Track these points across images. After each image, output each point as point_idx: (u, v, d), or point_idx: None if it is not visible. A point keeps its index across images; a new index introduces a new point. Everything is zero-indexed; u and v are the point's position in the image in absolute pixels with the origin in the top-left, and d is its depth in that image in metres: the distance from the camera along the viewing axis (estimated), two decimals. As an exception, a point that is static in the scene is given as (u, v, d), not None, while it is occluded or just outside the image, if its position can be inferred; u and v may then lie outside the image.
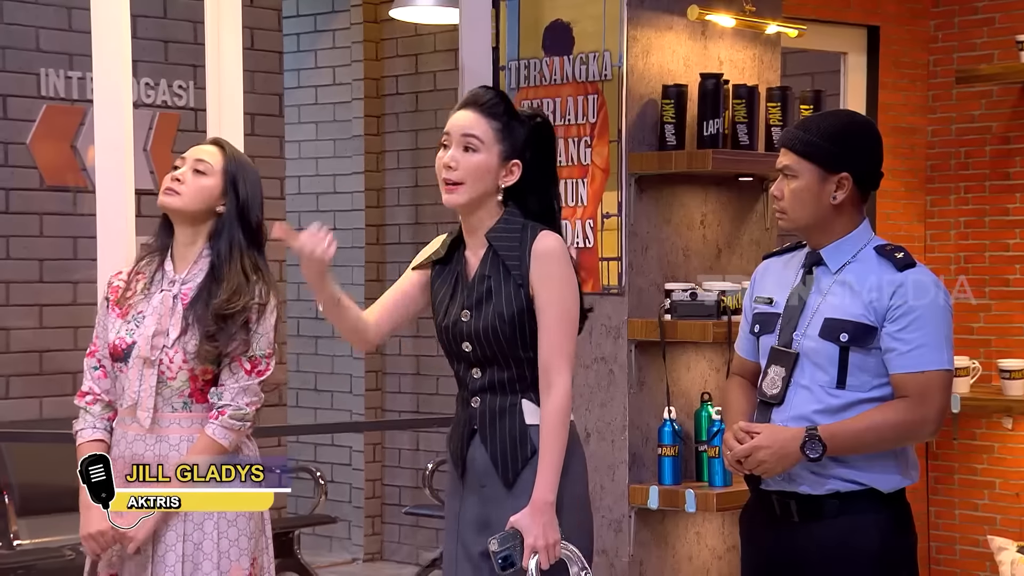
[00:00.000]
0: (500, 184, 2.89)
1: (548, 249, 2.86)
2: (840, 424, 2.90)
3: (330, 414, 7.39)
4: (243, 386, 3.06)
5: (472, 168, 2.87)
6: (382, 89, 7.24)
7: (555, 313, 2.85)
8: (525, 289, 2.86)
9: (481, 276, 2.90)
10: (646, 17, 3.98)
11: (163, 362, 3.04)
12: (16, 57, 5.69)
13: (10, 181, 5.70)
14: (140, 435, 3.06)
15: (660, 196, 4.03)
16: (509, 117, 2.91)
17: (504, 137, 2.89)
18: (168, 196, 3.09)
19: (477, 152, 2.87)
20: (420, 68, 7.11)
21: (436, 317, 2.97)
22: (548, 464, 2.82)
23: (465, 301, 2.91)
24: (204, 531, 3.05)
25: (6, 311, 5.70)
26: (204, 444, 3.04)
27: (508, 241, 2.88)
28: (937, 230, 5.30)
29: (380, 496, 7.28)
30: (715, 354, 4.08)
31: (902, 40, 5.21)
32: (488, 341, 2.87)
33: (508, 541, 2.79)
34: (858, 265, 2.96)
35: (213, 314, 3.02)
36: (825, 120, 3.02)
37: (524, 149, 2.91)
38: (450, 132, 2.90)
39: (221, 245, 3.09)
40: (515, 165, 2.90)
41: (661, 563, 4.03)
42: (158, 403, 3.04)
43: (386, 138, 7.25)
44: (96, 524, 3.02)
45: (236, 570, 3.06)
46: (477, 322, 2.88)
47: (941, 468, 5.23)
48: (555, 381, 2.83)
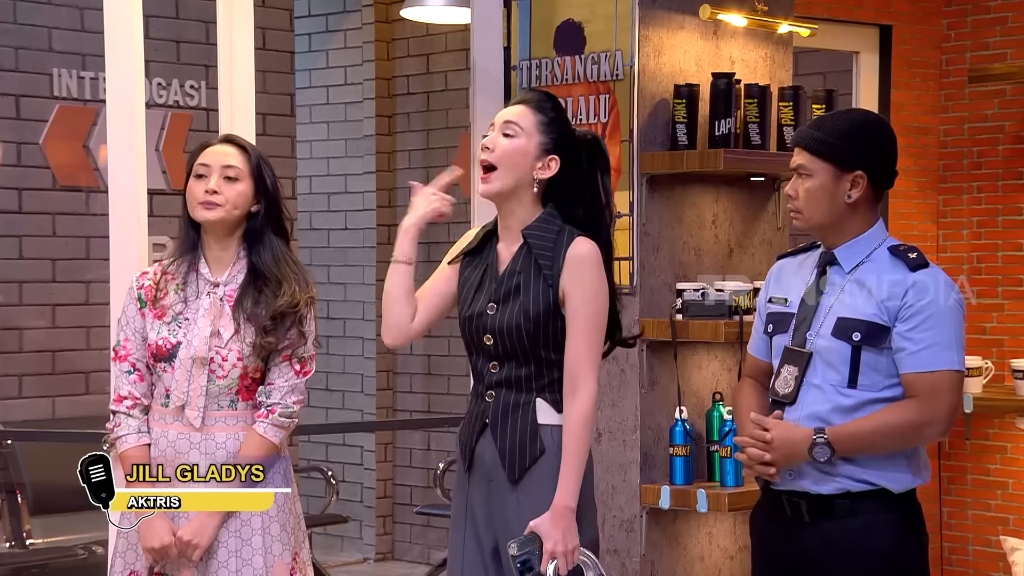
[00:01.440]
0: (536, 175, 2.90)
1: (583, 255, 2.86)
2: (848, 425, 2.89)
3: (341, 414, 7.40)
4: (292, 385, 3.11)
5: (508, 152, 2.89)
6: (393, 89, 7.25)
7: (584, 319, 2.85)
8: (554, 290, 2.86)
9: (512, 271, 2.91)
10: (658, 17, 3.98)
11: (214, 360, 3.05)
12: (29, 57, 5.70)
13: (23, 181, 5.72)
14: (184, 433, 3.06)
15: (672, 196, 4.02)
16: (557, 114, 2.93)
17: (546, 130, 2.91)
18: (209, 210, 3.07)
19: (515, 138, 2.90)
20: (431, 68, 7.12)
21: (460, 307, 2.98)
22: (571, 470, 2.83)
23: (493, 294, 2.92)
24: (252, 527, 3.07)
25: (19, 311, 5.71)
26: (255, 441, 3.06)
27: (544, 240, 2.89)
28: (949, 230, 5.28)
29: (391, 496, 7.29)
30: (727, 354, 4.07)
31: (914, 39, 5.20)
32: (511, 337, 2.88)
33: (527, 545, 2.79)
34: (871, 265, 2.96)
35: (273, 314, 3.05)
36: (839, 119, 3.02)
37: (569, 150, 2.92)
38: (495, 122, 2.94)
39: (258, 245, 3.10)
40: (553, 160, 2.91)
41: (673, 563, 4.03)
42: (206, 402, 3.06)
43: (397, 138, 7.26)
44: (159, 538, 3.02)
45: (280, 565, 3.09)
46: (502, 317, 2.89)
47: (954, 468, 5.22)
48: (580, 387, 2.84)
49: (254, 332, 3.06)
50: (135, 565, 3.08)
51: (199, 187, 3.08)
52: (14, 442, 5.24)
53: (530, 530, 2.80)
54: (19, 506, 5.20)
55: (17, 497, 5.20)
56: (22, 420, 5.58)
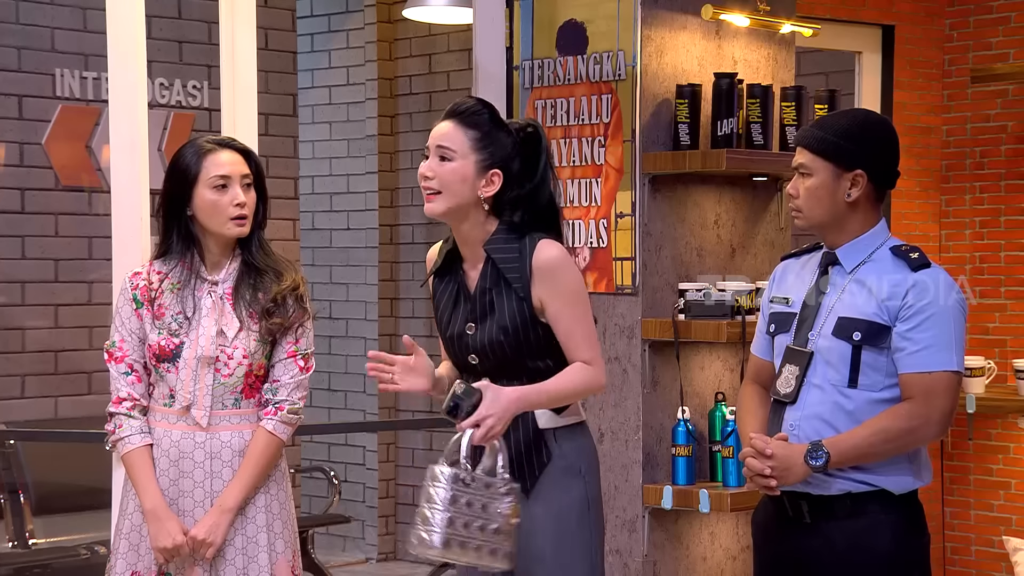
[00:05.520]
0: (480, 194, 2.87)
1: (549, 260, 2.84)
2: (845, 437, 2.89)
3: (344, 414, 7.40)
4: (297, 381, 3.12)
5: (446, 177, 2.87)
6: (396, 89, 7.25)
7: (572, 319, 2.85)
8: (528, 302, 2.85)
9: (483, 289, 2.89)
10: (660, 17, 3.98)
11: (219, 359, 3.05)
12: (32, 57, 5.71)
13: (26, 181, 5.72)
14: (188, 433, 3.06)
15: (674, 196, 4.02)
16: (492, 126, 2.88)
17: (483, 146, 2.86)
18: (242, 227, 3.07)
19: (452, 161, 2.87)
20: (434, 68, 7.12)
21: (440, 328, 2.98)
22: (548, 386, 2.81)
23: (468, 314, 2.91)
24: (257, 524, 3.08)
25: (21, 311, 5.71)
26: (264, 439, 3.07)
27: (507, 253, 2.86)
28: (952, 230, 5.28)
29: (394, 496, 7.29)
30: (729, 354, 4.07)
31: (917, 39, 5.20)
32: (494, 354, 2.88)
33: (468, 396, 2.75)
34: (873, 265, 2.96)
35: (274, 296, 3.07)
36: (841, 118, 3.02)
37: (509, 159, 2.88)
38: (429, 143, 2.91)
39: (250, 242, 3.11)
40: (495, 175, 2.87)
41: (675, 563, 4.02)
42: (212, 401, 3.06)
43: (399, 138, 7.26)
44: (171, 538, 3.02)
45: (283, 562, 3.10)
46: (482, 335, 2.89)
47: (956, 468, 5.21)
48: (596, 372, 2.85)
49: (258, 322, 3.07)
50: (137, 566, 3.08)
51: (224, 200, 3.05)
52: (16, 442, 5.24)
53: (483, 387, 2.76)
54: (22, 506, 5.19)
55: (20, 497, 5.20)
56: (24, 420, 5.59)
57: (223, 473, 3.06)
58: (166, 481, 3.05)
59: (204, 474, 3.06)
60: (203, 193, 3.05)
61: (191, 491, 3.05)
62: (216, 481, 3.05)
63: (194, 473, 3.05)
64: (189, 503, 3.05)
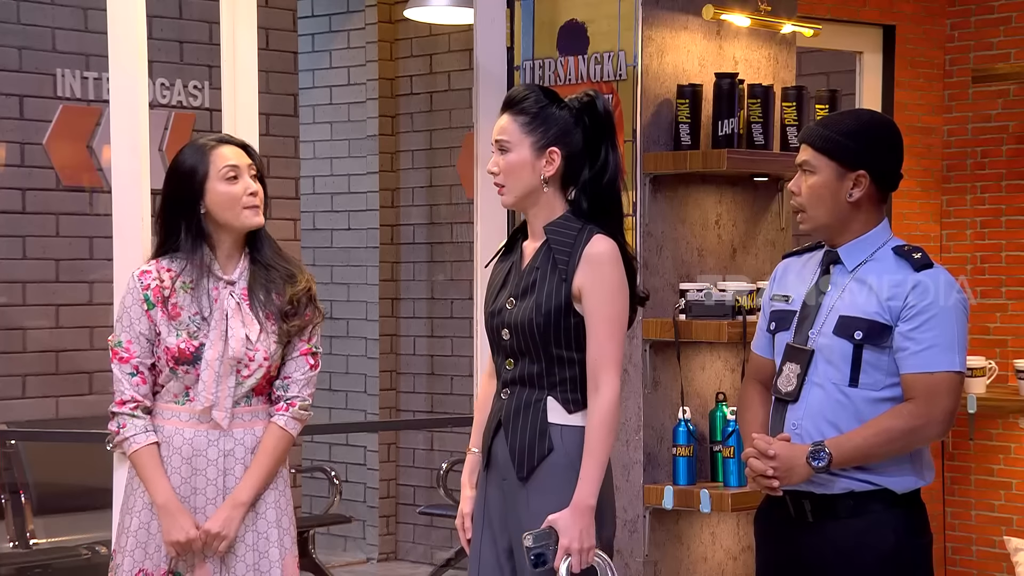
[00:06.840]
0: (543, 176, 2.91)
1: (599, 253, 2.87)
2: (847, 437, 2.89)
3: (345, 414, 7.41)
4: (308, 378, 3.14)
5: (506, 168, 2.93)
6: (397, 89, 7.25)
7: (604, 318, 2.86)
8: (568, 286, 2.88)
9: (532, 267, 2.94)
10: (661, 17, 3.97)
11: (241, 361, 3.05)
12: (32, 58, 5.71)
13: (26, 181, 5.72)
14: (202, 431, 3.06)
15: (675, 196, 4.02)
16: (542, 107, 2.92)
17: (534, 128, 2.91)
18: (258, 215, 3.08)
19: (510, 152, 2.93)
20: (435, 68, 7.12)
21: (485, 305, 3.03)
22: (591, 467, 2.84)
23: (513, 290, 2.95)
24: (268, 519, 3.09)
25: (22, 311, 5.72)
26: (276, 434, 3.09)
27: (564, 236, 2.91)
28: (953, 230, 5.28)
29: (395, 496, 7.29)
30: (730, 354, 4.07)
31: (918, 39, 5.19)
32: (524, 332, 2.90)
33: (543, 539, 2.78)
34: (875, 264, 2.96)
35: (291, 299, 3.08)
36: (846, 118, 3.03)
37: (567, 134, 2.92)
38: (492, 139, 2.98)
39: (257, 239, 3.12)
40: (553, 152, 2.91)
41: (676, 563, 4.02)
42: (232, 402, 3.08)
43: (400, 138, 7.26)
44: (184, 532, 3.02)
45: (290, 558, 3.12)
46: (518, 312, 2.92)
47: (957, 468, 5.21)
48: (603, 384, 2.85)
49: (275, 323, 3.08)
50: (144, 564, 3.08)
51: (237, 190, 3.05)
52: (17, 442, 5.25)
53: (548, 524, 2.80)
54: (23, 506, 5.20)
55: (21, 497, 5.20)
56: (25, 420, 5.59)
57: (236, 470, 3.07)
58: (178, 479, 3.06)
59: (217, 471, 3.06)
60: (215, 187, 3.05)
61: (204, 488, 3.06)
62: (229, 478, 3.07)
63: (207, 471, 3.06)
64: (202, 500, 3.06)
